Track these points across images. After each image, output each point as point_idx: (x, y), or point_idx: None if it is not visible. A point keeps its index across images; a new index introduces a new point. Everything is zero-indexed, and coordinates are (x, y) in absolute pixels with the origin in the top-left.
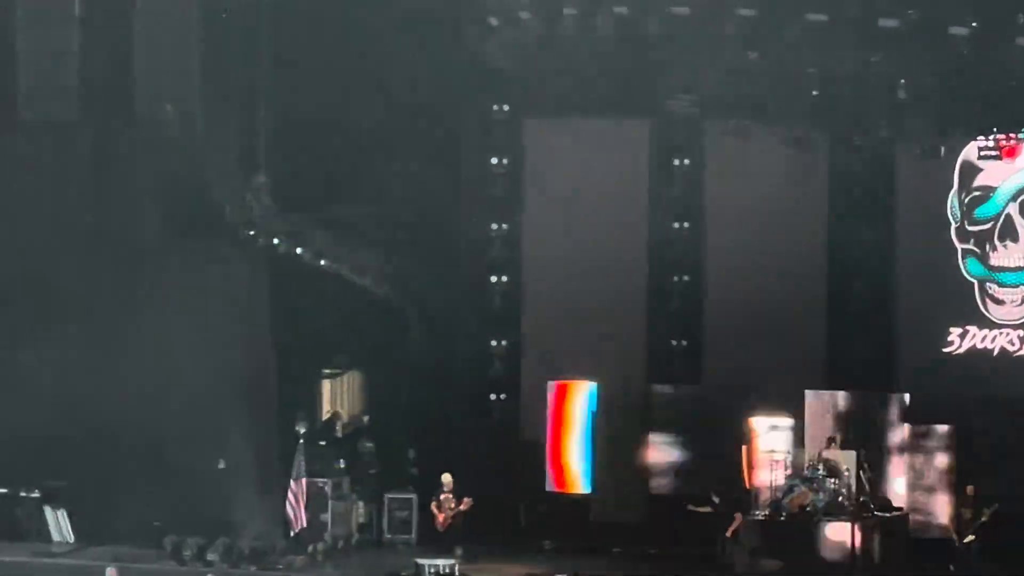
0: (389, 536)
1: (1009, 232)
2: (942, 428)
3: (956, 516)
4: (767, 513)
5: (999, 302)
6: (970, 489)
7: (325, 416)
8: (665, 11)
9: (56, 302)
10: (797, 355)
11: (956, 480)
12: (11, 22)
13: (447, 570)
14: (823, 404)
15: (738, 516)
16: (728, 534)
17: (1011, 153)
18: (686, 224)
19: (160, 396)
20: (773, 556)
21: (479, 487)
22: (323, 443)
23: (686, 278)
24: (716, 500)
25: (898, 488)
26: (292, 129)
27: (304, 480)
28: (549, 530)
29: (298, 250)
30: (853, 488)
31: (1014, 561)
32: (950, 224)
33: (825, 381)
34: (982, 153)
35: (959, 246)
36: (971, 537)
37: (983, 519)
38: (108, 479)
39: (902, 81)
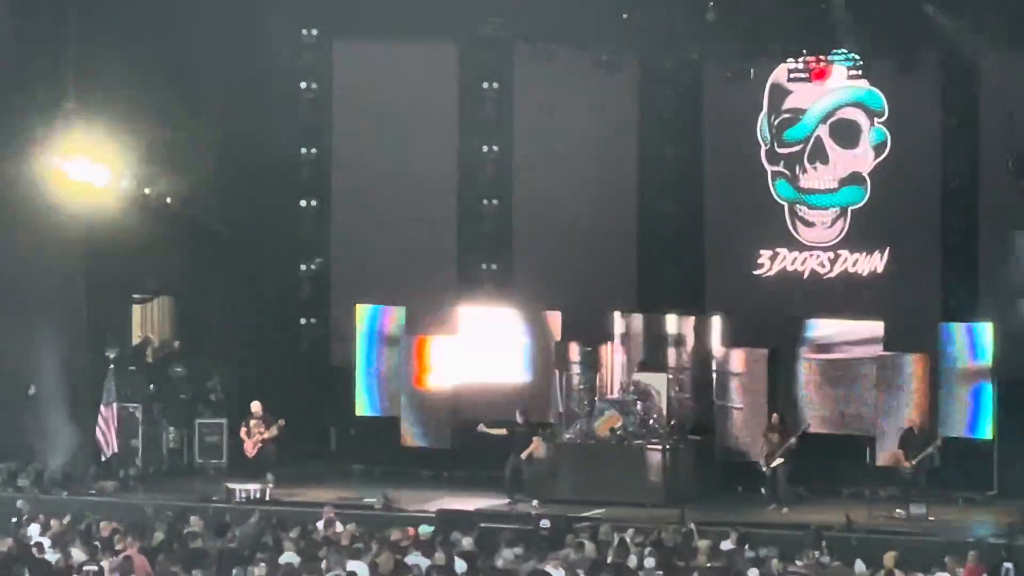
0: (200, 461)
1: (819, 154)
2: (753, 351)
3: (764, 441)
4: (577, 437)
5: (809, 224)
6: (775, 417)
7: (135, 341)
8: None
9: None
10: (608, 278)
11: (766, 405)
12: None
13: (257, 495)
14: (633, 327)
15: (535, 440)
16: (524, 456)
17: (820, 75)
18: (495, 147)
19: None
20: (581, 479)
21: (289, 412)
22: (133, 368)
23: (496, 201)
24: (520, 422)
25: (709, 411)
26: (102, 50)
27: (114, 405)
28: (359, 454)
29: (107, 173)
30: (664, 411)
31: (818, 484)
32: (760, 146)
33: (636, 304)
34: (791, 75)
35: (769, 168)
36: (779, 461)
37: (791, 445)
38: None
39: (711, 3)
